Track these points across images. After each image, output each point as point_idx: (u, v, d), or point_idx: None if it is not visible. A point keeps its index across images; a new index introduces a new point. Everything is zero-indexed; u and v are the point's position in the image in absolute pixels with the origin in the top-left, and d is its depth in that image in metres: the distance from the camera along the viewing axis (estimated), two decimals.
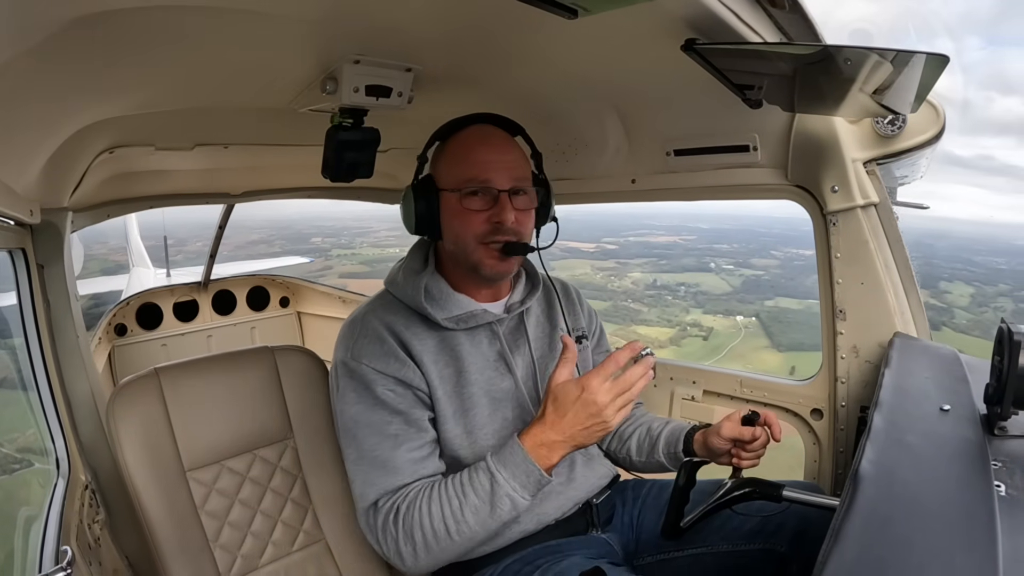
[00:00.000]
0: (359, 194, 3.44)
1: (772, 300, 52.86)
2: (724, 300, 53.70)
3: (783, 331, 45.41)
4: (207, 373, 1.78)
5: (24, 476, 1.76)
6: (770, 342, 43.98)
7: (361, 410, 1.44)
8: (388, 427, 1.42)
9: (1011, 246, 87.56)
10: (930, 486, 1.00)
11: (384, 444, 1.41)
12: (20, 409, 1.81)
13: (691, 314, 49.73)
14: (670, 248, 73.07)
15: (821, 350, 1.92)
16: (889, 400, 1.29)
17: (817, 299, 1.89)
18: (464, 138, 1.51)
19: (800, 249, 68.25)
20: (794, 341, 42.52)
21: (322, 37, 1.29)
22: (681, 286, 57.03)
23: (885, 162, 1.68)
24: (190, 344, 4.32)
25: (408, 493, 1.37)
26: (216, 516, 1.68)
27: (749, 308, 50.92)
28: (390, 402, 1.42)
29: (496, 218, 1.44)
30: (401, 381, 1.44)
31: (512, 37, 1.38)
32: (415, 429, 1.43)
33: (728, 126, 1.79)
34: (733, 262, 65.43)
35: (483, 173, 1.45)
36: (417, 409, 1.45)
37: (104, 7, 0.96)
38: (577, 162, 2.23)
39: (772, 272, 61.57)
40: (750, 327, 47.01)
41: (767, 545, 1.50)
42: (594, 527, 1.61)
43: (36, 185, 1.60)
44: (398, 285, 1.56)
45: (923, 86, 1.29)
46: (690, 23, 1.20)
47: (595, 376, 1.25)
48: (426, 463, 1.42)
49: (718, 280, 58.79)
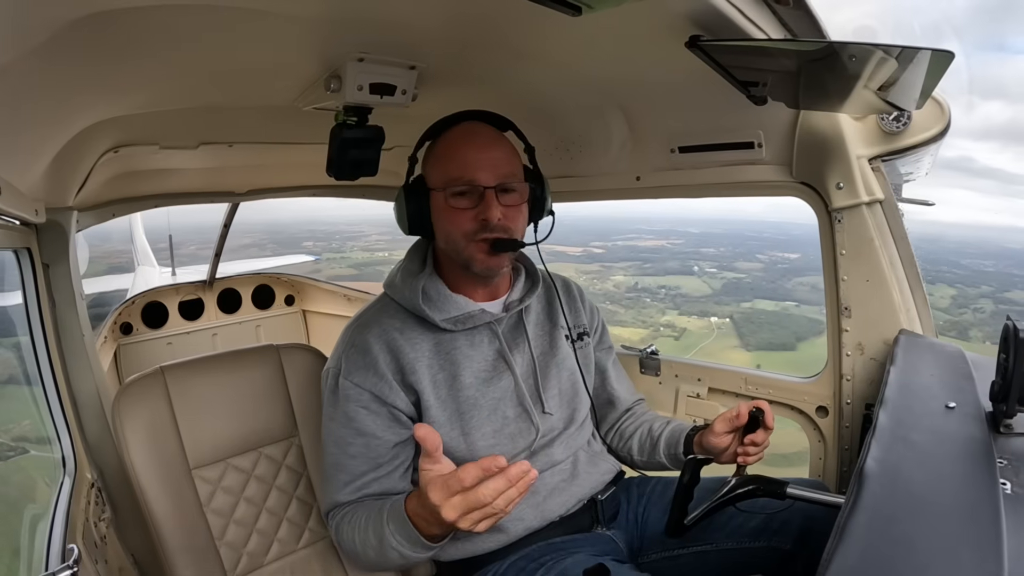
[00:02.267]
0: (363, 192, 3.43)
1: (749, 302, 53.83)
2: (702, 302, 54.54)
3: (753, 331, 46.54)
4: (212, 371, 1.79)
5: (19, 462, 1.77)
6: (740, 342, 44.82)
7: (333, 425, 1.51)
8: (348, 447, 1.48)
9: (1003, 249, 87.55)
10: (935, 484, 1.00)
11: (342, 463, 1.49)
12: (17, 402, 1.82)
13: (667, 315, 50.41)
14: (657, 252, 73.61)
15: (789, 349, 1.91)
16: (894, 397, 1.29)
17: (794, 300, 1.89)
18: (450, 137, 1.51)
19: (786, 252, 68.85)
20: (763, 341, 43.93)
21: (326, 35, 1.29)
22: (662, 288, 57.74)
23: (890, 159, 1.67)
24: (195, 343, 4.33)
25: (344, 510, 1.48)
26: (221, 514, 1.69)
27: (725, 310, 51.78)
28: (358, 421, 1.47)
29: (482, 215, 1.44)
30: (377, 397, 1.46)
31: (516, 35, 1.37)
32: (372, 454, 1.47)
33: (733, 123, 1.79)
34: (717, 265, 66.32)
35: (468, 172, 1.45)
36: (386, 431, 1.47)
37: (108, 6, 0.96)
38: (581, 160, 2.23)
39: (754, 275, 62.41)
40: (723, 327, 47.82)
41: (771, 543, 1.50)
42: (599, 524, 1.61)
43: (41, 184, 1.61)
44: (396, 288, 1.57)
45: (928, 82, 1.28)
46: (694, 20, 1.20)
47: (435, 489, 1.12)
48: (372, 485, 1.47)
49: (699, 283, 59.59)
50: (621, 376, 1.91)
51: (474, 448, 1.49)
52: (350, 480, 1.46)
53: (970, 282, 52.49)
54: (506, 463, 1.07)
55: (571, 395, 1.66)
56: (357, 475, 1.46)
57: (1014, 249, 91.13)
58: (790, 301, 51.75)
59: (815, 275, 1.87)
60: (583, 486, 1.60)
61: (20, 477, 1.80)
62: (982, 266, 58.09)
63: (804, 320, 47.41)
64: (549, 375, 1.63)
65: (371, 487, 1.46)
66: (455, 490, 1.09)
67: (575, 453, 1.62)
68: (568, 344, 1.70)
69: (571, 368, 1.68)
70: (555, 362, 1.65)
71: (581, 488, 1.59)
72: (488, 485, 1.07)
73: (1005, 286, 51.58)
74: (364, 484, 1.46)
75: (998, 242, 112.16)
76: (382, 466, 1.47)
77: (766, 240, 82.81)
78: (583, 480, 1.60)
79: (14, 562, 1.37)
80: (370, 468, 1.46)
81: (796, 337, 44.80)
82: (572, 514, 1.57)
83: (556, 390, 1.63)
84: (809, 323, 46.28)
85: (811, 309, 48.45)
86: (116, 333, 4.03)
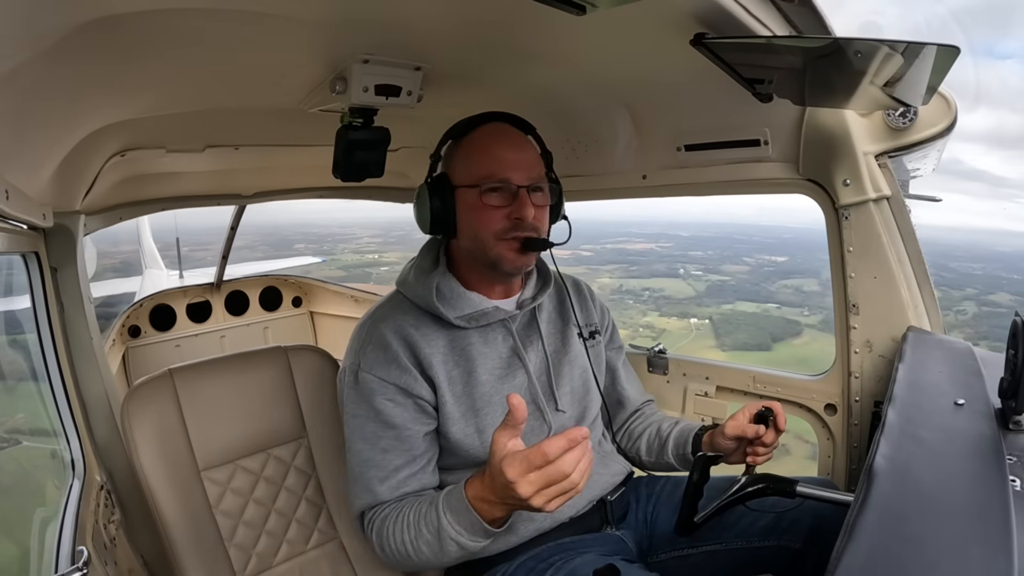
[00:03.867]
0: (370, 193, 3.44)
1: (731, 304, 54.66)
2: (683, 304, 55.34)
3: (730, 332, 47.59)
4: (221, 373, 1.79)
5: (12, 453, 1.78)
6: (716, 342, 45.68)
7: (359, 422, 1.48)
8: (380, 441, 1.45)
9: (992, 252, 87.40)
10: (945, 481, 0.99)
11: (374, 458, 1.45)
12: (11, 396, 1.84)
13: (647, 317, 50.98)
14: (645, 255, 74.35)
15: (764, 349, 1.90)
16: (903, 395, 1.28)
17: (776, 303, 1.88)
18: (480, 135, 1.51)
19: (773, 256, 69.51)
20: (738, 341, 45.13)
21: (331, 37, 1.30)
22: (646, 291, 58.42)
23: (897, 155, 1.67)
24: (203, 345, 4.35)
25: (385, 511, 1.44)
26: (231, 515, 1.70)
27: (706, 311, 52.62)
28: (386, 414, 1.45)
29: (516, 214, 1.45)
30: (402, 389, 1.45)
31: (521, 34, 1.37)
32: (405, 446, 1.45)
33: (739, 121, 1.78)
34: (703, 268, 67.13)
35: (502, 170, 1.45)
36: (414, 423, 1.46)
37: (115, 10, 0.96)
38: (587, 159, 2.23)
39: (739, 278, 63.06)
40: (702, 328, 48.73)
41: (781, 541, 1.49)
42: (608, 524, 1.61)
43: (48, 189, 1.62)
44: (409, 285, 1.57)
45: (934, 78, 1.28)
46: (699, 17, 1.20)
47: (514, 464, 1.10)
48: (410, 481, 1.45)
49: (684, 285, 60.34)
50: (631, 377, 1.91)
51: (487, 446, 1.49)
52: (385, 476, 1.44)
53: (956, 285, 52.68)
54: (588, 433, 1.10)
55: (583, 393, 1.66)
56: (392, 470, 1.44)
57: (1004, 252, 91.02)
58: (772, 303, 52.67)
59: (800, 278, 1.87)
60: (594, 487, 1.59)
61: (6, 460, 1.81)
62: (970, 269, 58.19)
63: (782, 321, 48.38)
64: (562, 373, 1.63)
65: (409, 484, 1.45)
66: (536, 464, 1.08)
67: None
68: (580, 342, 1.70)
69: (583, 366, 1.68)
70: (567, 360, 1.65)
71: (592, 489, 1.59)
72: (568, 456, 1.07)
73: (990, 288, 51.76)
74: (402, 481, 1.44)
75: (988, 245, 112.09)
76: (417, 459, 1.46)
77: (755, 243, 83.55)
78: (594, 481, 1.60)
79: (23, 564, 1.38)
80: (405, 462, 1.45)
81: (772, 338, 45.80)
82: (582, 515, 1.57)
83: (568, 388, 1.63)
84: (787, 324, 47.32)
85: (792, 311, 49.47)
86: (124, 336, 4.05)
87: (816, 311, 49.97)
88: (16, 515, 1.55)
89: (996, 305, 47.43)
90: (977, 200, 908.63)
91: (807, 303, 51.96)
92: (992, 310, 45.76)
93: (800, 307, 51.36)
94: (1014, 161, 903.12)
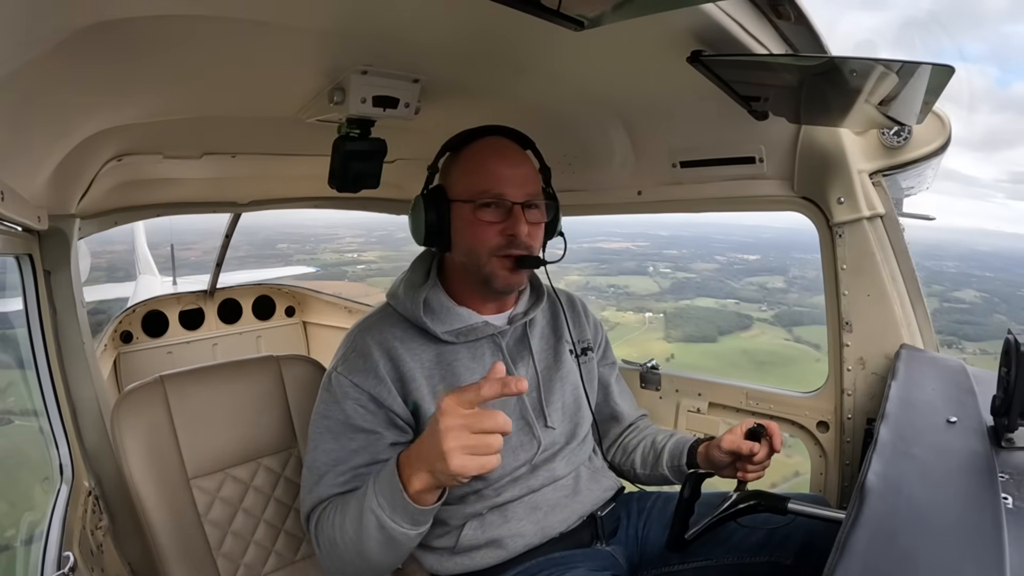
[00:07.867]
0: (366, 204, 3.45)
1: (690, 299, 55.42)
2: (644, 299, 56.03)
3: (678, 326, 48.79)
4: (212, 381, 1.79)
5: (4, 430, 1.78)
6: (664, 335, 46.88)
7: (329, 423, 1.44)
8: (351, 442, 1.42)
9: (971, 251, 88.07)
10: (937, 499, 0.99)
11: (341, 456, 1.41)
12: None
13: (605, 311, 51.39)
14: (619, 254, 74.35)
15: (709, 341, 1.90)
16: (896, 412, 1.28)
17: (735, 299, 1.88)
18: (478, 149, 1.51)
19: (746, 255, 70.12)
20: (684, 334, 46.33)
21: (330, 48, 1.30)
22: (611, 287, 58.95)
23: (891, 173, 1.68)
24: (195, 352, 4.32)
25: (331, 502, 1.39)
26: (219, 524, 1.68)
27: (662, 306, 53.45)
28: (357, 418, 1.42)
29: (510, 231, 1.45)
30: (375, 399, 1.43)
31: (518, 49, 1.38)
32: (371, 450, 1.41)
33: (734, 138, 1.79)
34: (672, 266, 67.69)
35: (498, 185, 1.45)
36: (385, 430, 1.43)
37: (114, 16, 0.96)
38: (583, 174, 2.23)
39: (705, 275, 63.72)
40: (654, 322, 49.65)
41: (772, 558, 1.49)
42: (599, 540, 1.60)
43: (44, 191, 1.61)
44: (398, 299, 1.56)
45: (929, 97, 1.29)
46: (696, 35, 1.21)
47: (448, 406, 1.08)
48: (365, 478, 1.39)
49: (650, 282, 60.93)
50: (624, 392, 1.90)
51: None
52: (340, 474, 1.40)
53: (924, 282, 53.21)
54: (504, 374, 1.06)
55: (574, 410, 1.66)
56: (356, 466, 1.41)
57: (982, 251, 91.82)
58: (731, 299, 53.48)
59: (767, 275, 1.87)
60: (584, 502, 1.59)
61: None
62: (944, 267, 58.55)
63: (734, 316, 49.24)
64: (553, 389, 1.62)
65: (362, 480, 1.38)
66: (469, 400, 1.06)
67: (577, 469, 1.62)
68: (572, 359, 1.70)
69: (575, 383, 1.68)
70: (559, 376, 1.65)
71: (582, 504, 1.58)
72: (495, 413, 1.07)
73: (957, 285, 52.21)
74: (360, 475, 1.40)
75: (968, 244, 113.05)
76: (380, 464, 1.42)
77: (732, 243, 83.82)
78: (584, 496, 1.59)
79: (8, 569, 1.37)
80: (365, 462, 1.41)
81: (719, 331, 46.77)
82: (572, 530, 1.56)
83: (559, 404, 1.63)
84: (738, 319, 48.23)
85: (749, 307, 50.35)
86: (116, 341, 4.03)
87: (774, 306, 50.75)
88: (1, 520, 1.54)
89: (959, 301, 48.10)
90: (953, 199, 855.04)
91: (767, 299, 52.53)
92: (953, 306, 46.38)
93: (759, 303, 51.86)
94: (983, 162, 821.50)
